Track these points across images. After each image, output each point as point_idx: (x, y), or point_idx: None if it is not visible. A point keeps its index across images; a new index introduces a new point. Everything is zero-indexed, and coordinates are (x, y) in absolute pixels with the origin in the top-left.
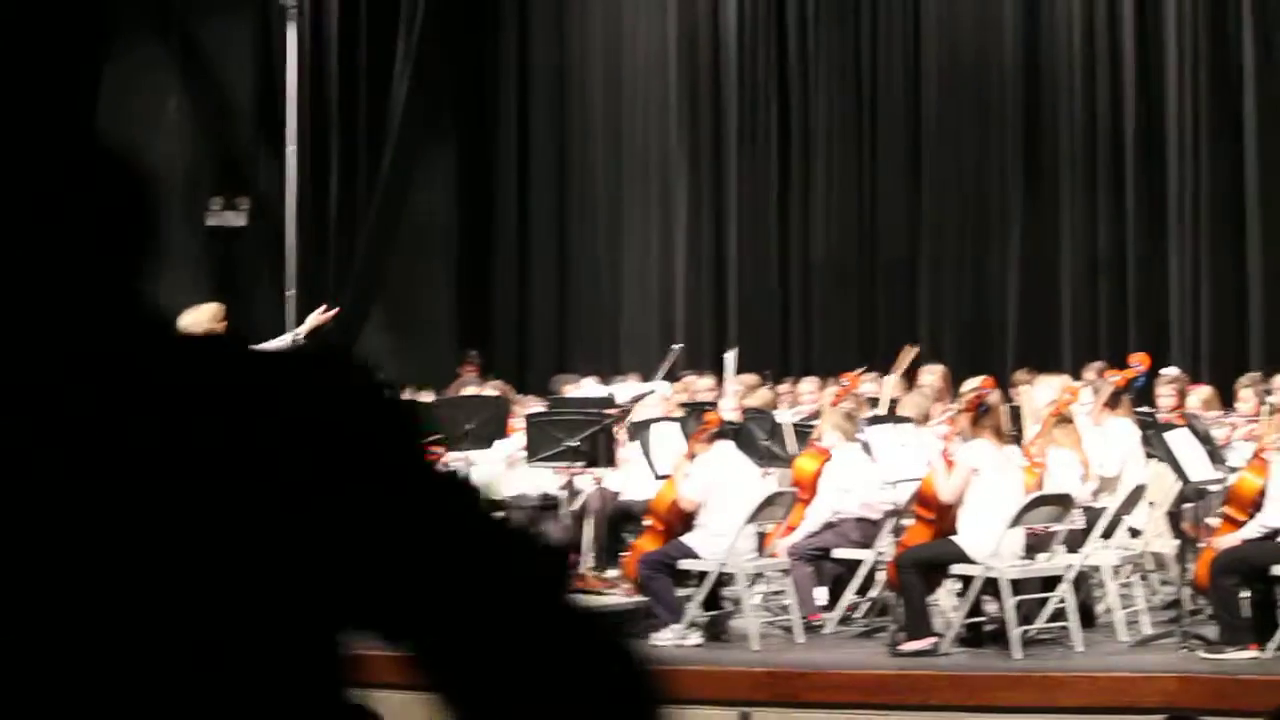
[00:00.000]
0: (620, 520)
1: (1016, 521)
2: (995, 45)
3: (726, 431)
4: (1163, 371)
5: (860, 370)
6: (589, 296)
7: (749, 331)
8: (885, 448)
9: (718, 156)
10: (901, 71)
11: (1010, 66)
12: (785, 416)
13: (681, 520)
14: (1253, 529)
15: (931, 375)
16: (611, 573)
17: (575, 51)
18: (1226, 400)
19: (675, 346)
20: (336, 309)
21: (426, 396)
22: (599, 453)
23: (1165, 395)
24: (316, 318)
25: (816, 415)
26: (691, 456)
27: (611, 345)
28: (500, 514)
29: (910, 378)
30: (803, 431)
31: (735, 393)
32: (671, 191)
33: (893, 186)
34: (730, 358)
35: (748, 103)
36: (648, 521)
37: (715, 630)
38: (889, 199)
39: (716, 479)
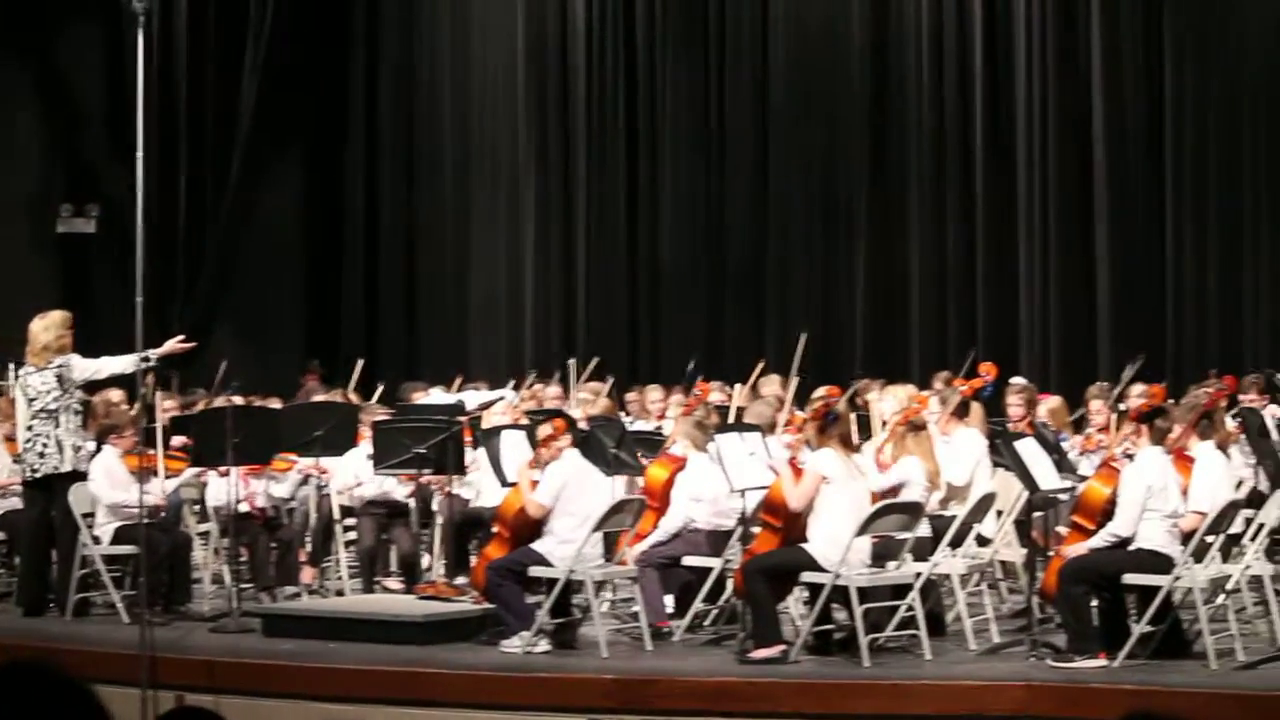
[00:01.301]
0: (469, 527)
1: (864, 530)
2: (843, 52)
3: (574, 439)
4: (1011, 381)
5: (688, 378)
6: (437, 303)
7: (597, 339)
8: (732, 456)
9: (566, 163)
10: (749, 78)
11: (858, 73)
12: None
13: (529, 527)
14: (1101, 538)
15: (771, 385)
16: (460, 580)
17: (424, 57)
18: (1075, 410)
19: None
20: (194, 343)
21: (275, 403)
22: (447, 460)
23: (1014, 405)
24: (173, 345)
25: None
26: (538, 464)
27: (459, 352)
28: None
29: (754, 387)
30: (649, 439)
31: (583, 400)
32: (520, 199)
33: (740, 194)
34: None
35: (596, 108)
36: (496, 529)
37: (564, 638)
38: (736, 207)
39: (564, 486)
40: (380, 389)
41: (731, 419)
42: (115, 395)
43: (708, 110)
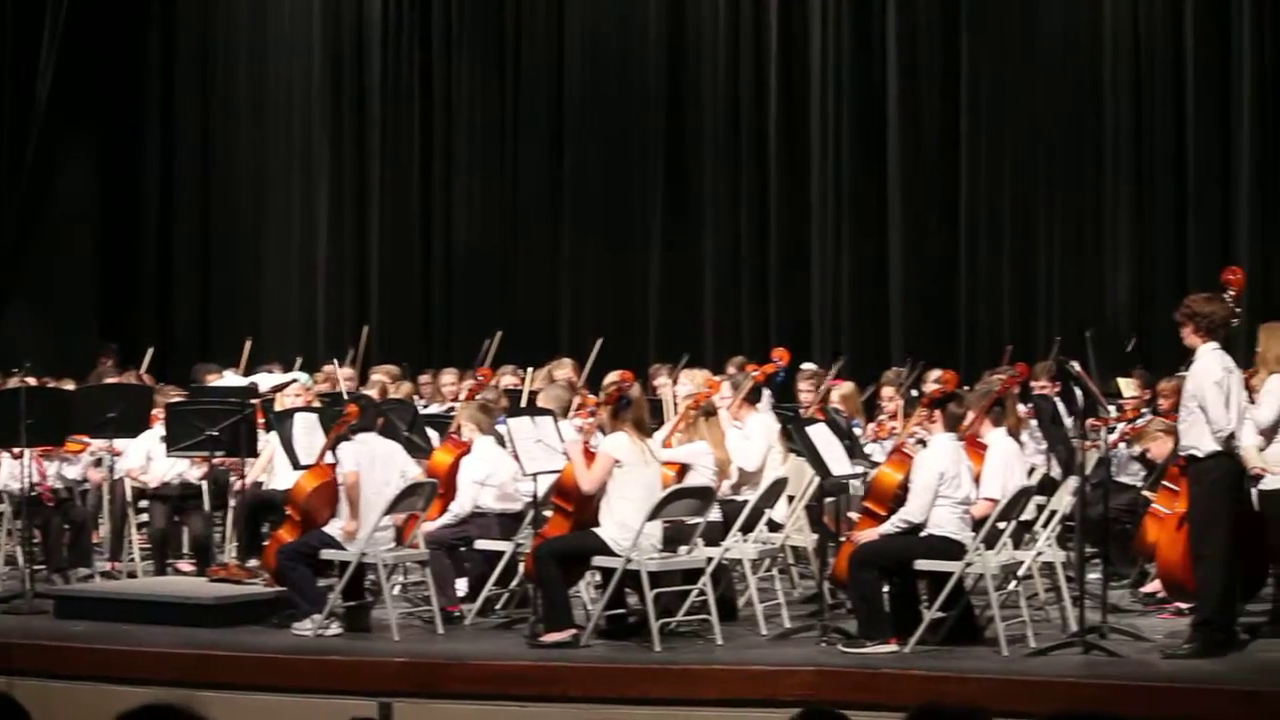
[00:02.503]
0: (261, 510)
1: (656, 514)
2: (639, 39)
3: (371, 421)
4: (803, 367)
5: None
6: (232, 285)
7: (391, 322)
8: (523, 439)
9: (360, 148)
10: (545, 60)
11: (654, 57)
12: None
13: (321, 510)
14: (893, 523)
15: (564, 369)
16: (252, 563)
17: (220, 39)
18: (866, 395)
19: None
20: None
21: (69, 385)
22: (240, 442)
23: (805, 390)
24: None
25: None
26: (333, 447)
27: (253, 335)
28: None
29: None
30: (443, 423)
31: (376, 383)
32: (314, 183)
33: (535, 180)
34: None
35: (390, 93)
36: (288, 512)
37: (356, 621)
38: (531, 193)
39: (358, 456)
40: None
41: (524, 402)
42: None
43: (503, 96)
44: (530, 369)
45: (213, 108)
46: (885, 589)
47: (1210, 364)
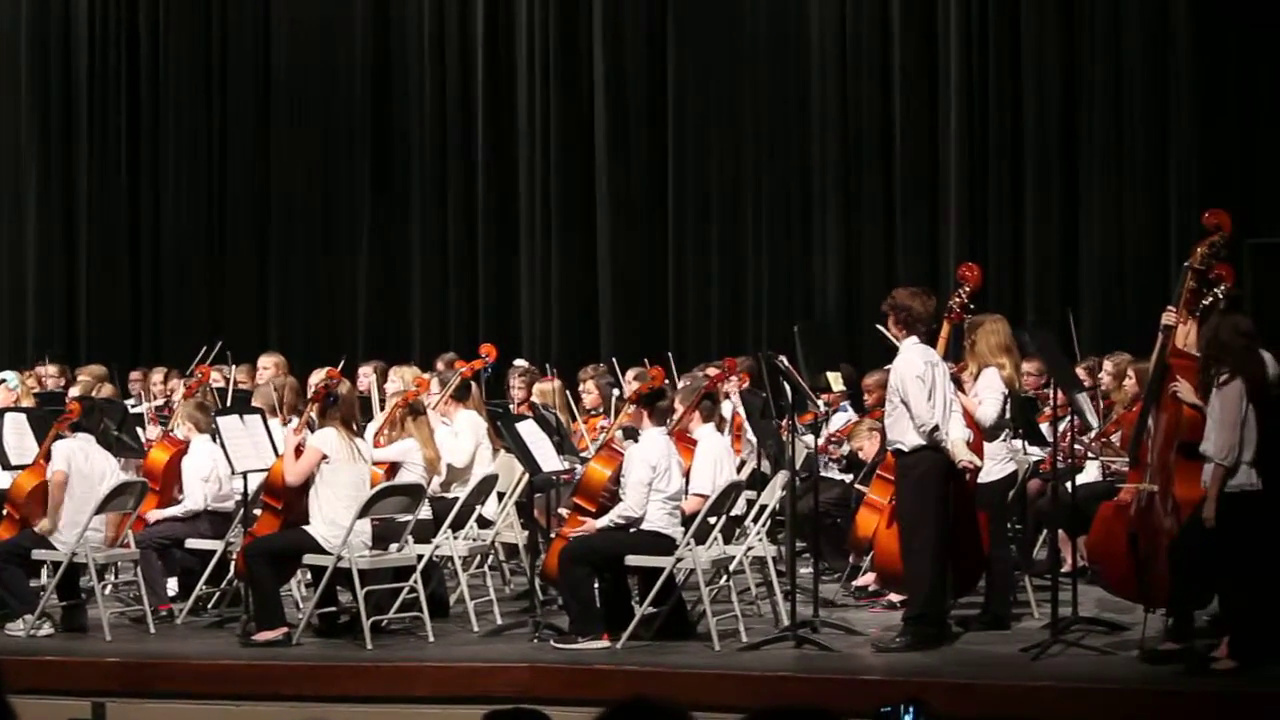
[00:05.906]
0: None
1: (365, 512)
2: (345, 38)
3: (84, 422)
4: (515, 363)
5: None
6: None
7: (100, 321)
8: (234, 437)
9: (68, 153)
10: (251, 59)
11: (360, 56)
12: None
13: (42, 509)
14: (611, 518)
15: (269, 368)
16: None
17: None
18: (575, 393)
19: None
20: None
21: None
22: None
23: (516, 387)
24: None
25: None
26: (50, 449)
27: None
28: None
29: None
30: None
31: (83, 384)
32: (21, 187)
33: (242, 176)
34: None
35: (98, 93)
36: (7, 511)
37: (71, 621)
38: (239, 189)
39: (70, 459)
40: None
41: (230, 400)
42: None
43: (209, 96)
44: (233, 367)
45: None
46: (596, 585)
47: (912, 358)
